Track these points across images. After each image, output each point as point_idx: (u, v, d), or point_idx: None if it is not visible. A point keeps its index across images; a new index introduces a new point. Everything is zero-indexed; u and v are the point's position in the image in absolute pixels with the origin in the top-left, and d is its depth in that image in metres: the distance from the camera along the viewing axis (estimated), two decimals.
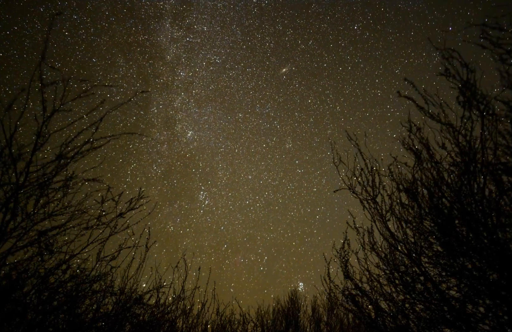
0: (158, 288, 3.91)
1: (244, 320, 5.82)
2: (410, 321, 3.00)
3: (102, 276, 3.19)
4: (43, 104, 2.32)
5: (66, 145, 2.52)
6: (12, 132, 2.27)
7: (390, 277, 3.13)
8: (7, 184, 2.35)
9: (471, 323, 2.56)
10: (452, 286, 2.78)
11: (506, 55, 2.21)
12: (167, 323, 4.26)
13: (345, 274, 3.51)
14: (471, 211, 2.46)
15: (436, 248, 2.88)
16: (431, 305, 2.81)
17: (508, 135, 2.40)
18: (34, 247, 2.55)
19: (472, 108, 2.40)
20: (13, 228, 2.39)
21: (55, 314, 2.78)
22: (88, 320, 3.08)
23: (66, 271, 2.76)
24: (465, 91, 2.37)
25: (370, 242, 3.33)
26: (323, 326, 6.35)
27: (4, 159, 2.31)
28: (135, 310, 3.70)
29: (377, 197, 3.26)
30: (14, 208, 2.34)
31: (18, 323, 2.49)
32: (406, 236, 3.01)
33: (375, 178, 3.28)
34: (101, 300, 3.22)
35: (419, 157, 2.92)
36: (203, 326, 5.10)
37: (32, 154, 2.37)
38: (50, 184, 2.53)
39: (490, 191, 2.48)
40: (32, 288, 2.56)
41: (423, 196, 2.91)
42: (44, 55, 2.24)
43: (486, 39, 2.23)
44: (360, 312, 3.38)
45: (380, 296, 3.24)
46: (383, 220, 3.18)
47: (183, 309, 4.54)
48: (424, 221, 2.90)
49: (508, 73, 2.26)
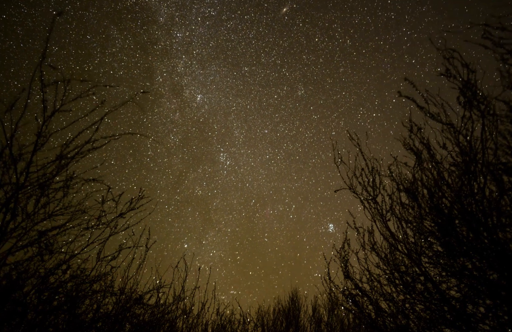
0: (158, 288, 3.91)
1: (244, 320, 5.82)
2: (410, 321, 3.00)
3: (102, 276, 3.19)
4: (43, 104, 2.31)
5: (66, 145, 2.52)
6: (12, 132, 2.27)
7: (390, 277, 3.13)
8: (8, 184, 2.35)
9: (471, 323, 2.56)
10: (452, 286, 2.78)
11: (508, 55, 2.21)
12: (167, 323, 4.26)
13: (345, 274, 3.51)
14: (471, 211, 2.46)
15: (436, 248, 2.88)
16: (431, 305, 2.81)
17: (508, 135, 2.40)
18: (34, 247, 2.54)
19: (473, 109, 2.40)
20: (13, 228, 2.39)
21: (55, 314, 2.78)
22: (88, 320, 3.08)
23: (66, 271, 2.76)
24: (466, 92, 2.37)
25: (370, 242, 3.33)
26: (324, 326, 6.35)
27: (5, 159, 2.31)
28: (135, 310, 3.70)
29: (378, 197, 3.26)
30: (14, 208, 2.34)
31: (18, 323, 2.49)
32: (406, 236, 3.01)
33: (375, 178, 3.28)
34: (101, 300, 3.22)
35: (419, 157, 2.92)
36: (203, 326, 5.10)
37: (32, 155, 2.37)
38: (51, 184, 2.53)
39: (490, 191, 2.48)
40: (32, 288, 2.56)
41: (423, 196, 2.91)
42: (45, 55, 2.24)
43: (488, 39, 2.23)
44: (360, 312, 3.38)
45: (380, 296, 3.24)
46: (383, 219, 3.18)
47: (183, 309, 4.53)
48: (424, 221, 2.90)
49: (509, 73, 2.26)
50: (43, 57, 2.21)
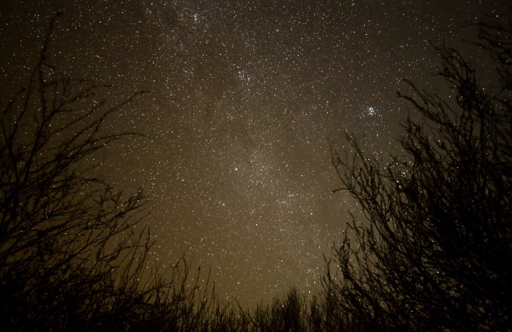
0: (158, 287, 3.91)
1: (244, 320, 5.82)
2: (410, 321, 2.99)
3: (102, 276, 3.19)
4: (43, 104, 2.32)
5: (66, 145, 2.52)
6: (12, 132, 2.28)
7: (390, 277, 3.13)
8: (7, 184, 2.36)
9: (471, 323, 2.55)
10: (452, 286, 2.78)
11: (505, 54, 2.21)
12: (167, 323, 4.26)
13: (345, 274, 3.51)
14: (470, 211, 2.46)
15: (436, 248, 2.88)
16: (431, 305, 2.80)
17: (507, 135, 2.40)
18: (34, 247, 2.55)
19: (472, 108, 2.40)
20: (13, 228, 2.39)
21: (55, 314, 2.78)
22: (88, 320, 3.08)
23: (66, 271, 2.77)
24: (465, 91, 2.37)
25: (370, 242, 3.33)
26: (323, 326, 6.35)
27: (4, 159, 2.31)
28: (135, 310, 3.70)
29: (377, 197, 3.26)
30: (14, 208, 2.34)
31: (18, 323, 2.49)
32: (405, 236, 3.01)
33: (374, 178, 3.28)
34: (101, 300, 3.22)
35: (418, 157, 2.92)
36: (203, 326, 5.10)
37: (32, 154, 2.37)
38: (50, 184, 2.54)
39: (489, 190, 2.48)
40: (32, 288, 2.56)
41: (422, 196, 2.90)
42: (44, 55, 2.24)
43: (485, 38, 2.23)
44: (360, 312, 3.38)
45: (380, 296, 3.24)
46: (383, 220, 3.17)
47: (183, 309, 4.54)
48: (424, 221, 2.89)
49: (508, 73, 2.26)
50: (42, 57, 2.22)
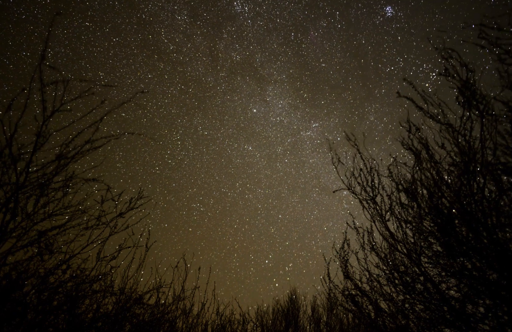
0: (158, 288, 3.91)
1: (244, 320, 5.82)
2: (410, 321, 2.99)
3: (102, 276, 3.19)
4: (43, 104, 2.32)
5: (66, 145, 2.52)
6: (12, 132, 2.28)
7: (390, 277, 3.13)
8: (7, 184, 2.36)
9: (471, 323, 2.55)
10: (452, 286, 2.78)
11: (505, 55, 2.21)
12: (167, 323, 4.26)
13: (345, 274, 3.51)
14: (470, 211, 2.46)
15: (436, 248, 2.88)
16: (431, 305, 2.80)
17: (507, 135, 2.40)
18: (34, 247, 2.55)
19: (472, 108, 2.40)
20: (13, 228, 2.40)
21: (55, 314, 2.78)
22: (88, 320, 3.08)
23: (66, 271, 2.77)
24: (465, 91, 2.37)
25: (370, 242, 3.33)
26: (323, 326, 6.35)
27: (4, 159, 2.31)
28: (135, 310, 3.70)
29: (377, 197, 3.26)
30: (14, 208, 2.34)
31: (18, 323, 2.49)
32: (405, 236, 3.01)
33: (374, 178, 3.28)
34: (101, 300, 3.22)
35: (418, 157, 2.92)
36: (203, 326, 5.10)
37: (32, 155, 2.38)
38: (50, 184, 2.54)
39: (489, 191, 2.48)
40: (32, 288, 2.56)
41: (422, 196, 2.91)
42: (44, 55, 2.24)
43: (485, 39, 2.23)
44: (360, 312, 3.38)
45: (380, 296, 3.24)
46: (383, 220, 3.18)
47: (183, 309, 4.54)
48: (424, 221, 2.89)
49: (508, 73, 2.26)
50: (42, 57, 2.22)
